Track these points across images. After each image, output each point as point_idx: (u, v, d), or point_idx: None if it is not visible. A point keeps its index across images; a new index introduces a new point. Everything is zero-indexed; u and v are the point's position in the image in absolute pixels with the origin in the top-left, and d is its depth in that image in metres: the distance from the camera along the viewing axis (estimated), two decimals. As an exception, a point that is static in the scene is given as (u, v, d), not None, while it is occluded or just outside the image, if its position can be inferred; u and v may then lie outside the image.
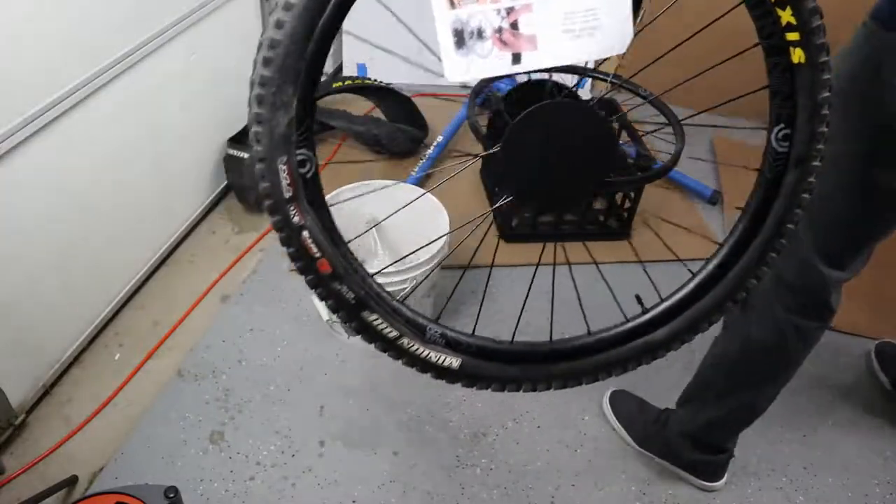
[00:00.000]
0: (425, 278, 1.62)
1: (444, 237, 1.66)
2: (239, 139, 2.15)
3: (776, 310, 1.22)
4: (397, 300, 0.96)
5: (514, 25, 0.77)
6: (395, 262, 1.57)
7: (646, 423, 1.59)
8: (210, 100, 2.01)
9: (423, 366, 0.99)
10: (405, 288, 1.59)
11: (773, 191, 0.87)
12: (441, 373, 0.99)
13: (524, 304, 1.11)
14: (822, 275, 1.16)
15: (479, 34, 0.77)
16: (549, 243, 1.69)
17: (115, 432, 1.55)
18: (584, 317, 1.07)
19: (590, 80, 2.83)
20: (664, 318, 0.98)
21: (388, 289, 1.70)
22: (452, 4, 0.76)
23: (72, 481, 1.44)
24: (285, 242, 0.87)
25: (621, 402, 1.66)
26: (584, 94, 2.86)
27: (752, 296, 1.24)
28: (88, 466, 1.48)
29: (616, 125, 1.89)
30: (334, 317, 1.38)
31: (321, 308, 1.74)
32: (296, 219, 0.86)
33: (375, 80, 2.43)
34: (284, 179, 0.83)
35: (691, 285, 0.98)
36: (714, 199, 2.34)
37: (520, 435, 1.63)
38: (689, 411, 1.48)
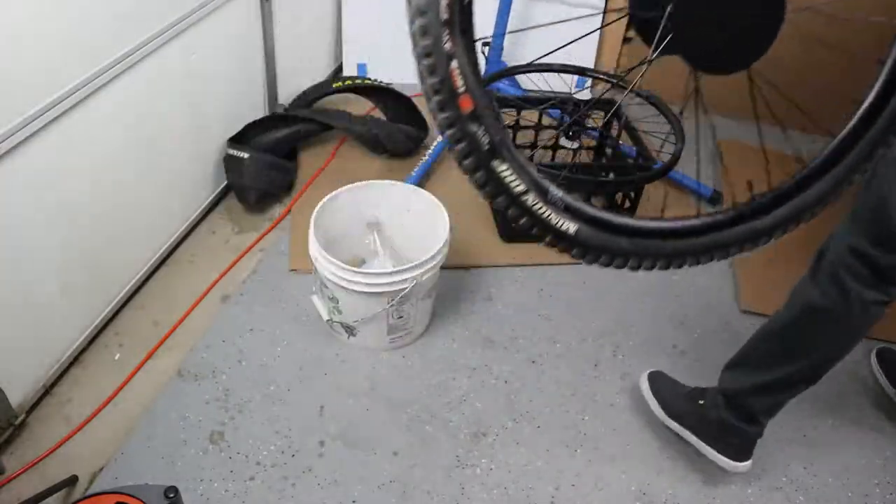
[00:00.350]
0: (426, 278, 1.62)
1: (446, 238, 1.66)
2: (239, 139, 2.15)
3: (845, 278, 1.22)
4: (525, 157, 0.92)
5: None
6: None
7: (677, 395, 1.60)
8: (210, 100, 2.01)
9: (543, 226, 0.96)
10: (405, 288, 1.59)
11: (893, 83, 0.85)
12: (557, 236, 0.97)
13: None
14: None
15: None
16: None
17: (115, 432, 1.55)
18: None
19: (589, 79, 2.84)
20: (770, 206, 0.97)
21: (388, 289, 1.72)
22: None
23: (72, 481, 1.44)
24: (430, 70, 0.83)
25: (657, 378, 1.66)
26: (584, 94, 2.86)
27: (822, 262, 1.27)
28: (88, 466, 1.48)
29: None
30: (335, 317, 1.40)
31: (321, 308, 1.74)
32: (447, 45, 0.82)
33: (375, 80, 2.43)
34: (444, 2, 0.79)
35: (799, 176, 0.96)
36: (714, 199, 2.34)
37: (520, 435, 1.63)
38: (737, 374, 1.46)
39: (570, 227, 0.95)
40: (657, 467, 1.59)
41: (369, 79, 2.45)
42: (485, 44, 2.29)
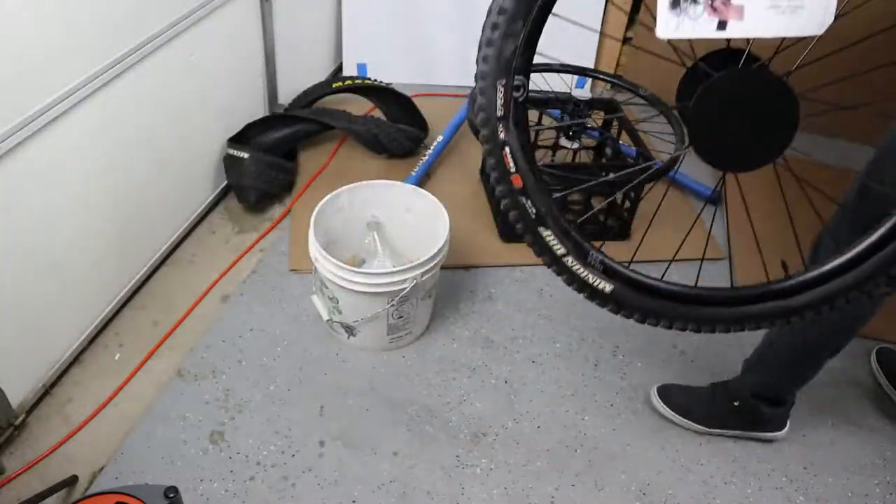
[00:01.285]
0: (426, 278, 1.62)
1: (446, 238, 1.66)
2: (239, 139, 2.15)
3: None
4: (568, 223, 1.07)
5: None
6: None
7: (700, 402, 1.64)
8: (210, 100, 2.01)
9: (581, 285, 1.10)
10: (405, 288, 1.59)
11: None
12: (594, 293, 1.10)
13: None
14: None
15: None
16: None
17: (115, 432, 1.55)
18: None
19: (589, 79, 2.84)
20: (804, 287, 1.02)
21: (388, 288, 1.72)
22: None
23: (72, 481, 1.44)
24: (488, 154, 1.01)
25: (670, 394, 1.68)
26: (584, 93, 2.86)
27: (818, 254, 1.31)
28: (88, 466, 1.48)
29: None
30: (335, 317, 1.41)
31: (321, 308, 1.74)
32: (501, 135, 0.99)
33: (375, 80, 2.43)
34: (500, 99, 0.96)
35: (836, 261, 1.00)
36: (715, 199, 2.34)
37: (520, 435, 1.63)
38: (761, 371, 1.55)
39: (606, 286, 1.08)
40: (657, 467, 1.59)
41: (369, 79, 2.45)
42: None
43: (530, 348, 1.82)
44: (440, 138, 2.36)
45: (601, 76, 2.46)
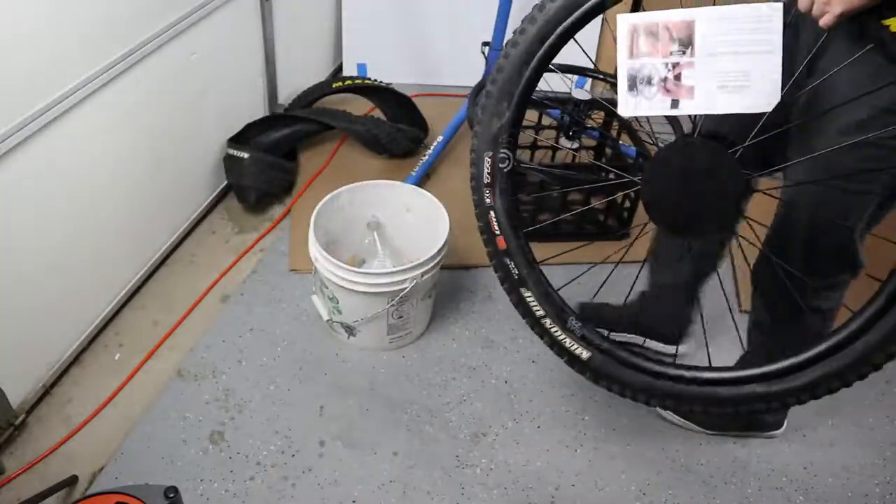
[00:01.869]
0: (426, 278, 1.62)
1: (446, 238, 1.66)
2: (239, 139, 2.15)
3: None
4: (552, 289, 1.15)
5: (678, 77, 0.93)
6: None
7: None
8: (210, 100, 2.01)
9: (560, 349, 1.16)
10: (405, 288, 1.59)
11: None
12: (572, 359, 1.16)
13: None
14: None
15: (649, 81, 0.94)
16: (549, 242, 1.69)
17: (115, 432, 1.55)
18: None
19: (589, 79, 2.83)
20: (787, 371, 1.06)
21: (388, 288, 1.72)
22: (631, 55, 0.93)
23: (72, 481, 1.44)
24: (477, 217, 1.13)
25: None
26: (584, 93, 2.85)
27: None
28: (88, 466, 1.48)
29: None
30: (335, 317, 1.42)
31: (321, 308, 1.74)
32: (488, 200, 1.11)
33: (375, 80, 2.43)
34: (486, 169, 1.08)
35: (826, 344, 1.03)
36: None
37: (520, 435, 1.63)
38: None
39: (583, 353, 1.14)
40: (657, 467, 1.59)
41: (369, 79, 2.45)
42: (484, 44, 2.30)
43: (530, 348, 1.82)
44: (440, 138, 2.36)
45: (601, 76, 2.46)
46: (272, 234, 2.10)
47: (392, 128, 2.34)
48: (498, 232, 1.12)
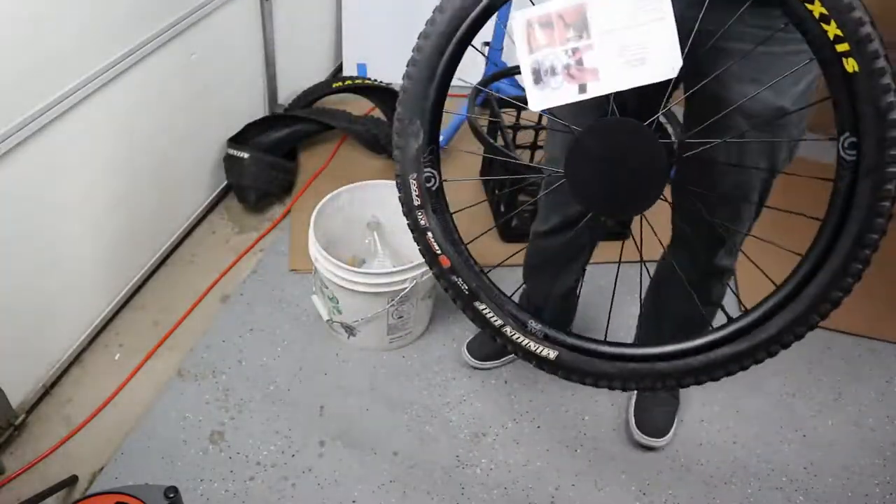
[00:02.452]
0: (426, 278, 1.62)
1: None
2: (239, 139, 2.15)
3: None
4: (506, 296, 1.13)
5: (580, 62, 0.93)
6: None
7: None
8: (210, 100, 2.01)
9: (525, 353, 1.13)
10: (405, 288, 1.59)
11: (847, 203, 0.88)
12: (540, 362, 1.13)
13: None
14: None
15: (552, 71, 0.94)
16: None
17: (115, 432, 1.55)
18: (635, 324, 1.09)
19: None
20: (742, 333, 1.03)
21: (388, 289, 1.72)
22: (531, 49, 0.93)
23: (72, 481, 1.44)
24: (415, 240, 1.10)
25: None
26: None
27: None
28: (88, 466, 1.48)
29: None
30: (335, 317, 1.41)
31: (321, 308, 1.74)
32: (422, 222, 1.09)
33: (375, 80, 2.43)
34: (414, 191, 1.07)
35: (769, 304, 1.01)
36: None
37: (520, 435, 1.63)
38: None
39: (550, 353, 1.12)
40: (657, 467, 1.59)
41: (369, 79, 2.45)
42: (485, 44, 2.30)
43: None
44: (440, 138, 2.36)
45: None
46: (272, 234, 2.10)
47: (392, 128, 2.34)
48: (439, 251, 1.09)
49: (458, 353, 1.79)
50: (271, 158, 2.14)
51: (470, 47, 1.02)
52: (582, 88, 0.94)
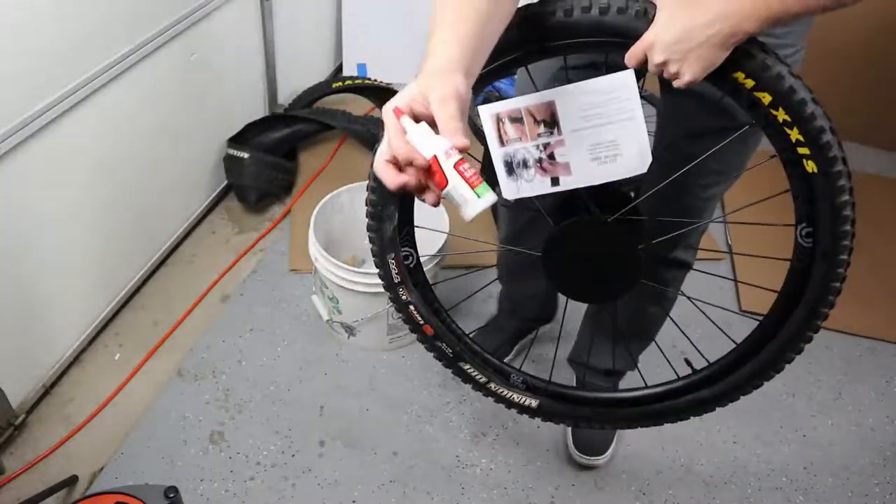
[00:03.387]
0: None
1: (446, 237, 1.66)
2: (239, 139, 2.15)
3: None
4: (489, 353, 1.20)
5: (551, 156, 0.93)
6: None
7: None
8: (210, 100, 2.01)
9: (508, 404, 1.21)
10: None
11: (804, 280, 0.96)
12: (522, 409, 1.22)
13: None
14: None
15: (525, 164, 0.94)
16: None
17: (115, 432, 1.55)
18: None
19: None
20: (709, 381, 1.14)
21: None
22: (502, 143, 0.93)
23: (72, 481, 1.44)
24: (398, 311, 1.14)
25: None
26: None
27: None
28: (88, 466, 1.48)
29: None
30: (335, 317, 1.42)
31: (321, 308, 1.74)
32: (404, 297, 1.11)
33: (375, 80, 2.43)
34: (394, 270, 1.10)
35: (732, 356, 1.11)
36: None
37: (520, 435, 1.63)
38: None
39: (532, 402, 1.20)
40: (657, 467, 1.59)
41: (369, 79, 2.45)
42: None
43: (530, 347, 1.81)
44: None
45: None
46: (272, 234, 2.10)
47: (392, 128, 2.34)
48: (422, 322, 1.13)
49: (458, 353, 1.79)
50: (271, 158, 2.14)
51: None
52: (555, 181, 0.95)
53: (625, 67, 0.85)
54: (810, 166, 0.87)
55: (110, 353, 1.73)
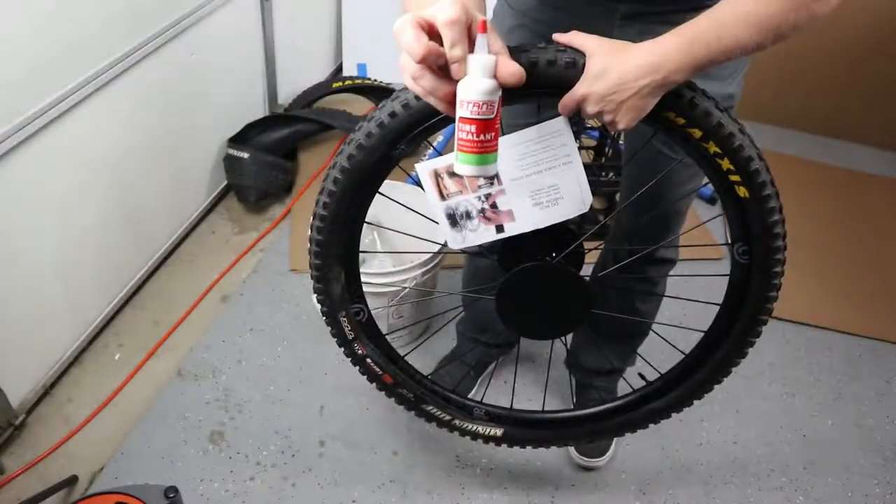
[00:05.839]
0: (426, 278, 1.62)
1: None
2: (239, 139, 2.15)
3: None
4: (449, 391, 1.23)
5: (494, 206, 0.95)
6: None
7: None
8: (210, 100, 2.01)
9: (474, 436, 1.26)
10: (405, 288, 1.59)
11: (743, 292, 1.03)
12: (488, 440, 1.26)
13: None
14: None
15: (468, 215, 0.96)
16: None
17: (115, 432, 1.55)
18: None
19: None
20: (661, 392, 1.21)
21: (388, 289, 1.72)
22: (443, 197, 0.95)
23: (72, 481, 1.44)
24: (355, 365, 1.16)
25: None
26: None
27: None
28: (88, 466, 1.48)
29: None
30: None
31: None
32: (359, 351, 1.14)
33: (375, 80, 2.43)
34: (346, 327, 1.12)
35: (680, 367, 1.18)
36: (714, 199, 2.34)
37: (520, 435, 1.63)
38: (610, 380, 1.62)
39: (496, 432, 1.25)
40: (657, 467, 1.59)
41: (369, 79, 2.46)
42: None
43: (530, 348, 1.82)
44: (440, 138, 2.36)
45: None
46: (272, 234, 2.10)
47: (392, 128, 2.34)
48: (381, 372, 1.16)
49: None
50: (271, 158, 2.14)
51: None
52: (499, 229, 0.97)
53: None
54: (742, 192, 0.92)
55: (110, 353, 1.73)
